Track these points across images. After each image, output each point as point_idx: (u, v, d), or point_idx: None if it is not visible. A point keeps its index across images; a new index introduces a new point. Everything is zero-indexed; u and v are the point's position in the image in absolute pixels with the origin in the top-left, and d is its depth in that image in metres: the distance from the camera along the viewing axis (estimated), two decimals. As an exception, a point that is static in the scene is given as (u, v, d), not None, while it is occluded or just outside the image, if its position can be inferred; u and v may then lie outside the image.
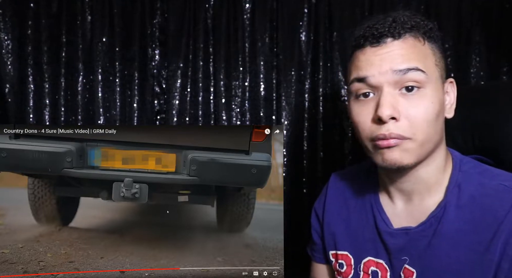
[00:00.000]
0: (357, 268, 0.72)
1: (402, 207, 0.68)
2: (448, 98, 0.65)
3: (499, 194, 0.59)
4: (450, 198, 0.62)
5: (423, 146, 0.60)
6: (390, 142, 0.59)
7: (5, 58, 1.25)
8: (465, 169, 0.65)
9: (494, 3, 1.23)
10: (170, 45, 1.29)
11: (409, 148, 0.59)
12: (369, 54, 0.61)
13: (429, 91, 0.59)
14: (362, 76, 0.61)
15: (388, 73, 0.59)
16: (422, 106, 0.58)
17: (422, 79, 0.58)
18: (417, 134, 0.59)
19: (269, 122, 1.30)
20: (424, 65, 0.59)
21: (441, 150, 0.65)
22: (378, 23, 0.61)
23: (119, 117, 1.29)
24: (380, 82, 0.59)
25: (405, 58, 0.59)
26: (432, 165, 0.64)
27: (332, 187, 0.81)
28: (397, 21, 0.60)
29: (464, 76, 1.25)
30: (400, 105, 0.59)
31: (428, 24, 0.62)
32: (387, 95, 0.59)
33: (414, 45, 0.60)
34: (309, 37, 1.29)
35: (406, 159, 0.60)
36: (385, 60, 0.59)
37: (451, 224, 0.61)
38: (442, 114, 0.62)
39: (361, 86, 0.62)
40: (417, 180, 0.65)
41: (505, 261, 0.56)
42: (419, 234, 0.64)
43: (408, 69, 0.58)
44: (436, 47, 0.62)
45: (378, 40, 0.60)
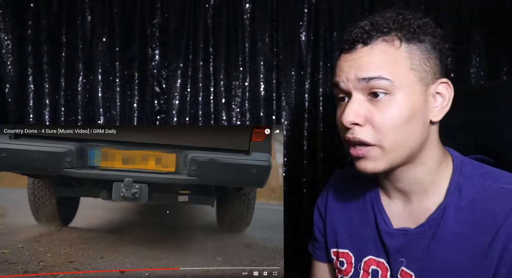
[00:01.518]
0: (357, 267, 0.72)
1: (401, 207, 0.68)
2: (440, 99, 0.62)
3: (500, 198, 0.59)
4: (450, 201, 0.62)
5: (392, 152, 0.60)
6: (358, 153, 0.61)
7: (5, 58, 1.25)
8: (466, 171, 0.64)
9: (494, 3, 1.23)
10: (170, 45, 1.29)
11: (377, 156, 0.60)
12: (342, 60, 0.63)
13: (399, 96, 0.58)
14: (336, 82, 0.63)
15: (354, 80, 0.60)
16: (388, 113, 0.58)
17: (388, 86, 0.58)
18: (383, 140, 0.59)
19: (269, 122, 1.30)
20: (391, 72, 0.58)
21: (431, 152, 0.64)
22: (356, 27, 0.61)
23: (119, 117, 1.29)
24: (348, 88, 0.61)
25: (371, 66, 0.59)
26: (422, 167, 0.63)
27: (334, 185, 0.81)
28: (374, 24, 0.60)
29: (464, 76, 1.25)
30: (366, 111, 0.60)
31: (414, 23, 0.60)
32: (353, 102, 0.60)
33: (384, 51, 0.59)
34: (309, 37, 1.29)
35: (376, 167, 0.61)
36: (352, 67, 0.61)
37: (451, 227, 0.61)
38: (419, 118, 0.60)
39: (337, 91, 0.65)
40: (410, 181, 0.65)
41: (503, 265, 0.56)
42: (417, 236, 0.64)
43: (371, 78, 0.58)
44: (419, 48, 0.60)
45: (350, 46, 0.61)
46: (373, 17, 0.62)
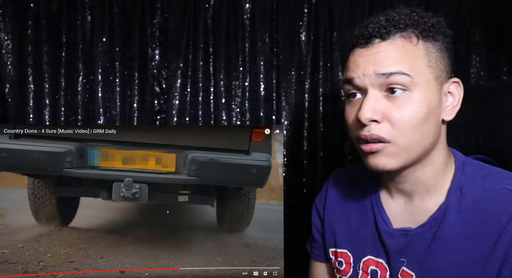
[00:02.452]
0: (356, 267, 0.72)
1: (402, 207, 0.68)
2: (451, 99, 0.62)
3: (502, 199, 0.58)
4: (451, 201, 0.62)
5: (407, 150, 0.59)
6: (372, 147, 0.59)
7: (5, 58, 1.25)
8: (468, 171, 0.63)
9: (494, 3, 1.23)
10: (170, 45, 1.29)
11: (391, 152, 0.59)
12: (356, 55, 0.61)
13: (417, 94, 0.58)
14: (349, 78, 0.61)
15: (372, 76, 0.58)
16: (407, 110, 0.58)
17: (407, 82, 0.57)
18: (399, 138, 0.58)
19: (269, 122, 1.30)
20: (410, 68, 0.57)
21: (439, 152, 0.63)
22: (371, 22, 0.60)
23: (119, 117, 1.29)
24: (364, 84, 0.59)
25: (390, 61, 0.58)
26: (429, 167, 0.63)
27: (333, 184, 0.81)
28: (391, 20, 0.59)
29: (464, 76, 1.24)
30: (383, 108, 0.58)
31: (429, 21, 0.60)
32: (370, 98, 0.59)
33: (402, 47, 0.58)
34: (309, 37, 1.29)
35: (389, 164, 0.60)
36: (369, 62, 0.59)
37: (452, 228, 0.60)
38: (434, 117, 0.60)
39: (349, 87, 0.62)
40: (415, 182, 0.64)
41: (506, 268, 0.55)
42: (418, 236, 0.63)
43: (391, 73, 0.57)
44: (434, 46, 0.60)
45: (366, 41, 0.60)
46: (387, 13, 0.61)
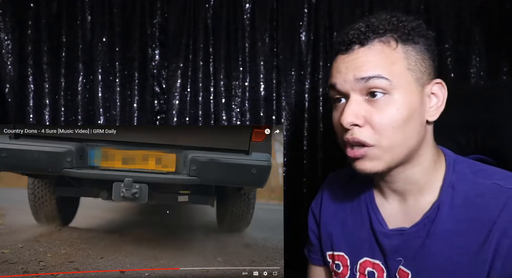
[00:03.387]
0: (354, 269, 0.72)
1: (397, 208, 0.68)
2: (435, 100, 0.63)
3: (493, 194, 0.59)
4: (443, 199, 0.62)
5: (390, 152, 0.60)
6: (355, 154, 0.61)
7: (5, 58, 1.25)
8: (458, 169, 0.64)
9: (494, 3, 1.23)
10: (170, 45, 1.29)
11: (375, 155, 0.60)
12: (338, 62, 0.63)
13: (397, 96, 0.59)
14: (333, 83, 0.63)
15: (352, 81, 0.60)
16: (387, 113, 0.59)
17: (386, 86, 0.58)
18: (382, 141, 0.59)
19: (269, 122, 1.30)
20: (389, 71, 0.58)
21: (426, 151, 0.64)
22: (352, 29, 0.62)
23: (119, 117, 1.29)
24: (346, 89, 0.61)
25: (369, 65, 0.59)
26: (418, 167, 0.64)
27: (328, 188, 0.81)
28: (370, 25, 0.60)
29: (464, 76, 1.25)
30: (365, 112, 0.60)
31: (408, 25, 0.61)
32: (351, 103, 0.60)
33: (381, 51, 0.59)
34: (309, 37, 1.29)
35: (375, 167, 0.61)
36: (349, 68, 0.60)
37: (445, 224, 0.61)
38: (417, 118, 0.61)
39: (333, 92, 0.64)
40: (406, 181, 0.65)
41: (497, 261, 0.56)
42: (413, 234, 0.64)
43: (369, 77, 0.58)
44: (414, 49, 0.61)
45: (347, 48, 0.61)
46: (368, 19, 0.62)
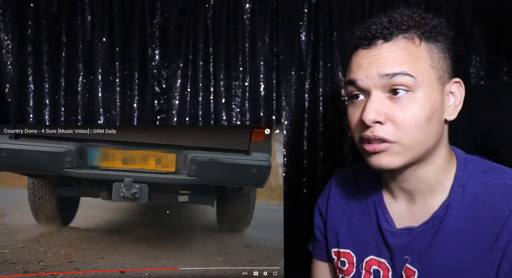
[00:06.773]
0: (359, 267, 0.72)
1: (405, 207, 0.68)
2: (453, 99, 0.63)
3: (503, 194, 0.59)
4: (453, 198, 0.62)
5: (411, 150, 0.60)
6: (375, 148, 0.60)
7: (5, 58, 1.25)
8: (469, 168, 0.64)
9: (494, 3, 1.23)
10: (170, 45, 1.29)
11: (396, 152, 0.59)
12: (359, 57, 0.61)
13: (420, 94, 0.58)
14: (352, 79, 0.62)
15: (375, 77, 0.59)
16: (410, 110, 0.58)
17: (410, 83, 0.57)
18: (403, 138, 0.59)
19: (269, 122, 1.30)
20: (414, 68, 0.58)
21: (441, 151, 0.64)
22: (374, 23, 0.61)
23: (119, 117, 1.29)
24: (368, 85, 0.60)
25: (394, 62, 0.58)
26: (431, 166, 0.63)
27: (335, 184, 0.81)
28: (393, 21, 0.59)
29: (464, 76, 1.24)
30: (387, 109, 0.59)
31: (430, 22, 0.61)
32: (373, 99, 0.59)
33: (405, 48, 0.59)
34: (309, 37, 1.29)
35: (393, 163, 0.60)
36: (372, 63, 0.59)
37: (453, 223, 0.61)
38: (437, 117, 0.60)
39: (352, 88, 0.63)
40: (417, 180, 0.65)
41: (506, 260, 0.56)
42: (421, 233, 0.64)
43: (394, 74, 0.57)
44: (436, 47, 0.61)
45: (369, 42, 0.60)
46: (390, 14, 0.61)
